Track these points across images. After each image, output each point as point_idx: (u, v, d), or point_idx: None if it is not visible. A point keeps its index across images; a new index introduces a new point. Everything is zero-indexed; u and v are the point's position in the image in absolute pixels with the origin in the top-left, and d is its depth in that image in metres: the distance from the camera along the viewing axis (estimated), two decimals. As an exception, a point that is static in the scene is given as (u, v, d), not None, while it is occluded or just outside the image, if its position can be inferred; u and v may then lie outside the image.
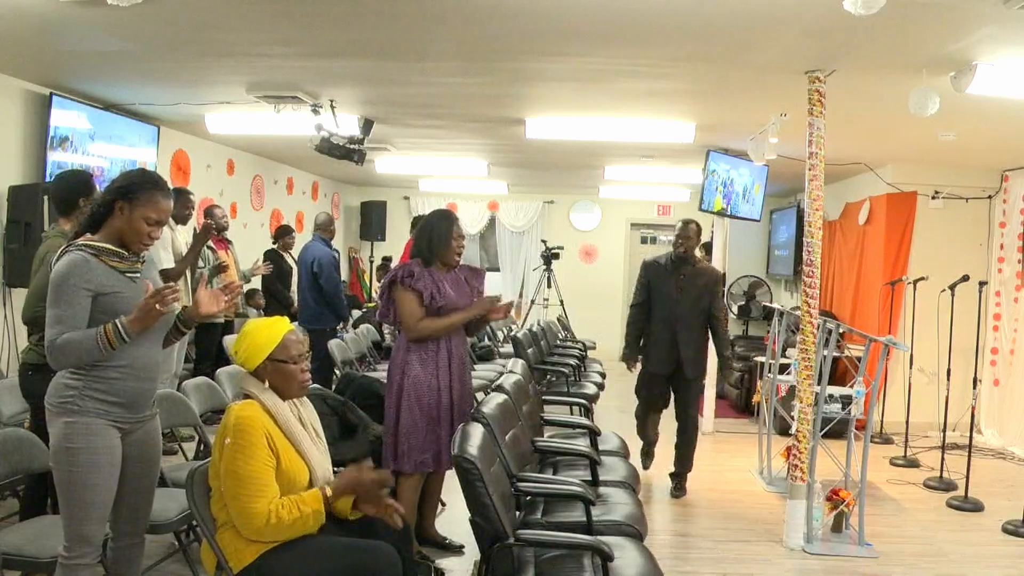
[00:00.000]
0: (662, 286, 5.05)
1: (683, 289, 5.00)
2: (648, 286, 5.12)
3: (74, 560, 2.46)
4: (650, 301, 5.10)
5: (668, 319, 5.00)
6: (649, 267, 5.17)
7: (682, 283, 5.01)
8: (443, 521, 4.19)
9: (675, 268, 5.04)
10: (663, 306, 5.03)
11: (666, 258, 5.15)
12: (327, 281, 6.39)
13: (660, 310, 5.05)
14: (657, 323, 5.06)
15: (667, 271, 5.06)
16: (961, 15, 3.28)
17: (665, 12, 3.44)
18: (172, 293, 2.42)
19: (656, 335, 5.08)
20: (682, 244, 5.05)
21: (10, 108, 5.19)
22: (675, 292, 5.00)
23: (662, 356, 5.04)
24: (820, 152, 4.33)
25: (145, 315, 2.42)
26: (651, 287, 5.09)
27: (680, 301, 5.00)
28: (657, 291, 5.06)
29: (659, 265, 5.14)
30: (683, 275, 5.02)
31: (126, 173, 2.64)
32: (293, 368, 2.55)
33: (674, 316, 5.00)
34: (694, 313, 5.02)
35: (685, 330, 4.99)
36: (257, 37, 4.14)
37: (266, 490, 2.37)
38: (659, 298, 5.06)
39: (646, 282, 5.14)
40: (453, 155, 8.48)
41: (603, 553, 2.55)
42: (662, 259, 5.17)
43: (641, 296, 5.16)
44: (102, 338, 2.40)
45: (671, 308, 5.00)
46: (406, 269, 3.67)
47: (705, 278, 5.07)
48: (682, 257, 5.05)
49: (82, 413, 2.44)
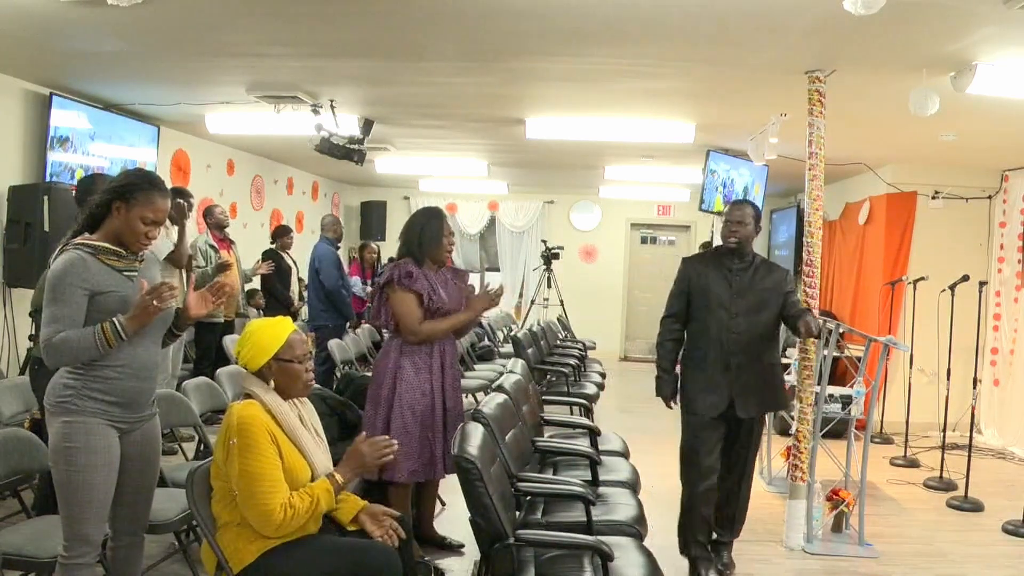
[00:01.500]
0: (709, 292, 3.69)
1: (739, 295, 3.67)
2: (688, 292, 3.76)
3: (73, 560, 2.45)
4: (691, 313, 3.77)
5: (718, 337, 3.66)
6: (690, 266, 3.83)
7: (738, 287, 3.67)
8: (443, 521, 4.19)
9: (727, 267, 3.71)
10: (711, 319, 3.67)
11: (713, 254, 3.88)
12: (326, 278, 6.54)
13: (706, 325, 3.69)
14: (701, 343, 3.72)
15: (716, 271, 3.72)
16: (961, 15, 3.28)
17: (665, 12, 3.45)
18: (169, 291, 2.42)
19: (699, 360, 3.71)
20: (735, 232, 3.69)
21: (10, 108, 5.19)
22: (728, 300, 3.66)
23: (708, 389, 3.68)
24: (820, 152, 4.33)
25: (142, 312, 2.43)
26: (692, 293, 3.75)
27: (735, 312, 3.65)
28: (702, 298, 3.72)
29: (704, 263, 3.80)
30: (738, 276, 3.69)
31: (123, 173, 2.65)
32: (298, 367, 2.55)
33: (726, 333, 3.64)
34: (755, 328, 3.66)
35: (742, 352, 3.64)
36: (257, 37, 4.14)
37: (279, 485, 2.38)
38: (704, 308, 3.70)
39: (685, 287, 3.78)
40: (453, 155, 8.48)
41: (603, 553, 2.55)
42: (708, 255, 3.94)
43: (677, 305, 3.79)
44: (100, 336, 2.40)
45: (722, 322, 3.65)
46: (403, 270, 3.54)
47: (771, 279, 3.72)
48: (734, 251, 3.71)
49: (80, 413, 2.44)
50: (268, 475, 2.36)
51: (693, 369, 3.75)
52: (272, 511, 2.35)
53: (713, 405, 3.66)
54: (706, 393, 3.67)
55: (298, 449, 2.50)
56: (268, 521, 2.36)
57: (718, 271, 3.72)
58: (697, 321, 3.75)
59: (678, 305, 3.81)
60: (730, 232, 3.72)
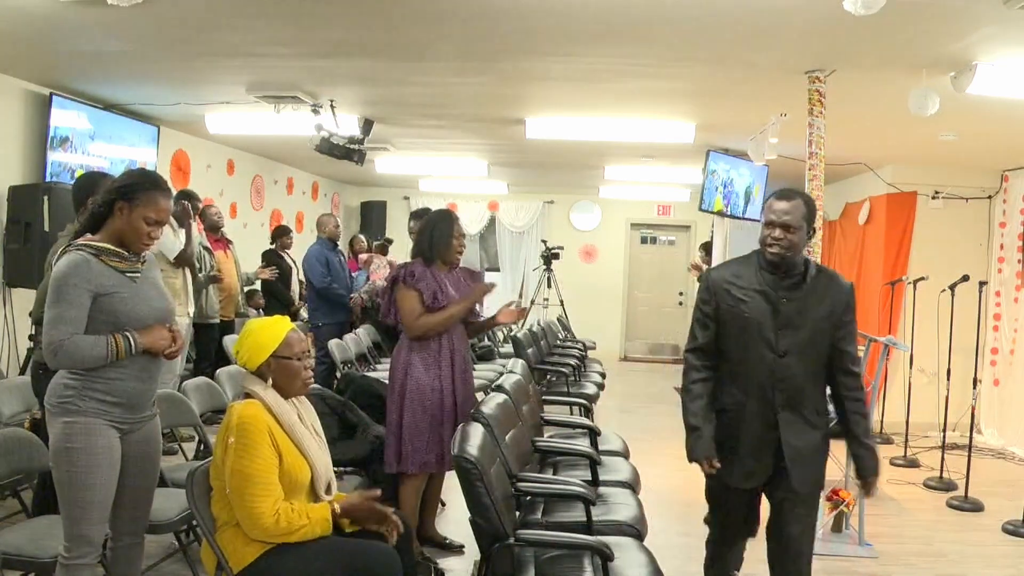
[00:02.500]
0: (746, 319, 2.69)
1: (788, 325, 2.66)
2: (717, 318, 2.76)
3: (74, 560, 2.45)
4: (721, 346, 2.77)
5: (760, 383, 2.69)
6: (718, 280, 2.78)
7: (786, 314, 2.67)
8: (443, 521, 4.19)
9: (769, 284, 2.70)
10: (750, 358, 2.70)
11: (752, 267, 2.76)
12: (312, 276, 6.65)
13: (743, 365, 2.72)
14: (736, 389, 2.74)
15: (755, 290, 2.71)
16: (961, 15, 3.28)
17: (665, 12, 3.45)
18: (178, 352, 2.64)
19: (734, 413, 2.74)
20: (779, 241, 2.66)
21: (10, 108, 5.19)
22: (772, 331, 2.67)
23: (746, 453, 2.73)
24: (820, 152, 4.34)
25: (153, 344, 2.53)
26: (724, 320, 2.74)
27: (783, 349, 2.66)
28: (736, 328, 2.71)
29: (738, 277, 2.75)
30: (786, 298, 2.68)
31: (126, 173, 2.65)
32: (297, 365, 2.56)
33: (771, 379, 2.67)
34: (811, 366, 2.70)
35: (791, 406, 2.69)
36: (257, 37, 4.14)
37: (272, 489, 2.38)
38: (740, 342, 2.71)
39: (712, 310, 2.76)
40: (453, 155, 8.48)
41: (603, 553, 2.55)
42: (742, 265, 2.80)
43: (704, 336, 2.78)
44: (111, 348, 2.42)
45: (765, 362, 2.67)
46: (408, 268, 3.68)
47: (830, 297, 2.71)
48: (782, 262, 2.68)
49: (81, 413, 2.44)
50: (261, 478, 2.36)
51: (723, 425, 2.75)
52: (261, 515, 2.34)
53: (750, 475, 2.75)
54: (742, 459, 2.73)
55: (298, 448, 2.50)
56: (255, 524, 2.35)
57: (758, 290, 2.68)
58: (730, 359, 2.73)
59: (705, 335, 2.77)
60: (773, 240, 2.63)
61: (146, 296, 2.56)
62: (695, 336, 2.82)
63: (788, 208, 2.66)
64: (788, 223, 2.64)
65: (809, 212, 2.69)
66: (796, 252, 2.67)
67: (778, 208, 2.67)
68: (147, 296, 2.56)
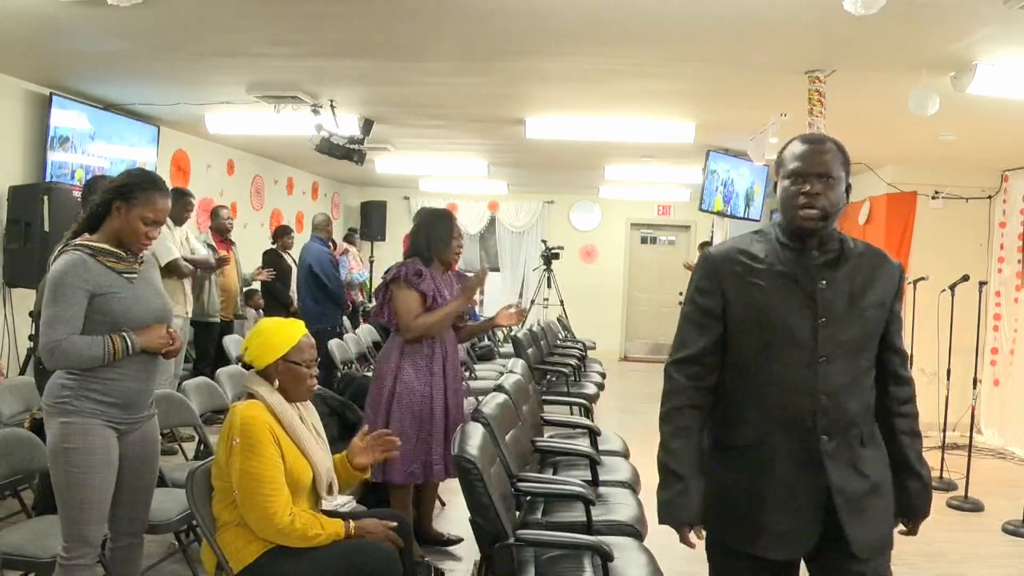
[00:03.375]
0: (769, 313, 1.91)
1: (831, 318, 1.90)
2: (723, 314, 1.96)
3: (73, 560, 2.45)
4: (730, 354, 1.97)
5: (792, 400, 1.89)
6: (725, 265, 1.97)
7: (827, 301, 1.91)
8: (443, 520, 4.19)
9: (800, 263, 1.93)
10: (775, 368, 1.90)
11: (769, 242, 1.98)
12: (330, 280, 6.50)
13: (765, 379, 1.91)
14: (753, 414, 1.93)
15: (779, 272, 1.93)
16: (961, 15, 3.28)
17: (665, 12, 3.44)
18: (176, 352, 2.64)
19: (752, 450, 1.92)
20: (816, 197, 1.89)
21: (10, 108, 5.19)
22: (808, 329, 1.89)
23: (777, 507, 1.89)
24: (820, 152, 4.33)
25: (150, 344, 2.53)
26: (734, 316, 1.95)
27: (823, 352, 1.88)
28: (755, 327, 1.92)
29: (752, 257, 1.96)
30: (825, 279, 1.92)
31: (124, 173, 2.65)
32: (304, 371, 2.56)
33: (811, 391, 1.88)
34: (862, 373, 1.95)
35: (842, 429, 1.89)
36: (257, 37, 4.14)
37: (282, 489, 2.39)
38: (763, 345, 1.92)
39: (716, 303, 1.96)
40: (453, 155, 8.48)
41: (603, 553, 2.55)
42: (757, 245, 1.98)
43: (701, 339, 1.98)
44: (108, 348, 2.42)
45: (799, 372, 1.89)
46: (412, 268, 3.56)
47: (880, 278, 2.01)
48: (818, 230, 1.91)
49: (78, 413, 2.44)
50: (270, 478, 2.37)
51: (738, 467, 1.91)
52: (274, 514, 2.35)
53: (784, 540, 1.88)
54: (771, 517, 1.87)
55: (300, 449, 2.50)
56: (268, 523, 2.36)
57: (782, 271, 1.90)
58: (744, 373, 1.92)
59: (702, 341, 1.94)
60: (807, 197, 1.85)
61: (143, 296, 2.56)
62: (684, 343, 1.96)
63: (822, 153, 1.88)
64: (826, 171, 1.87)
65: (845, 159, 1.95)
66: (835, 215, 1.90)
67: (809, 152, 1.88)
68: (144, 296, 2.56)
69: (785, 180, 1.94)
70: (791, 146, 1.97)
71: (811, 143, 1.96)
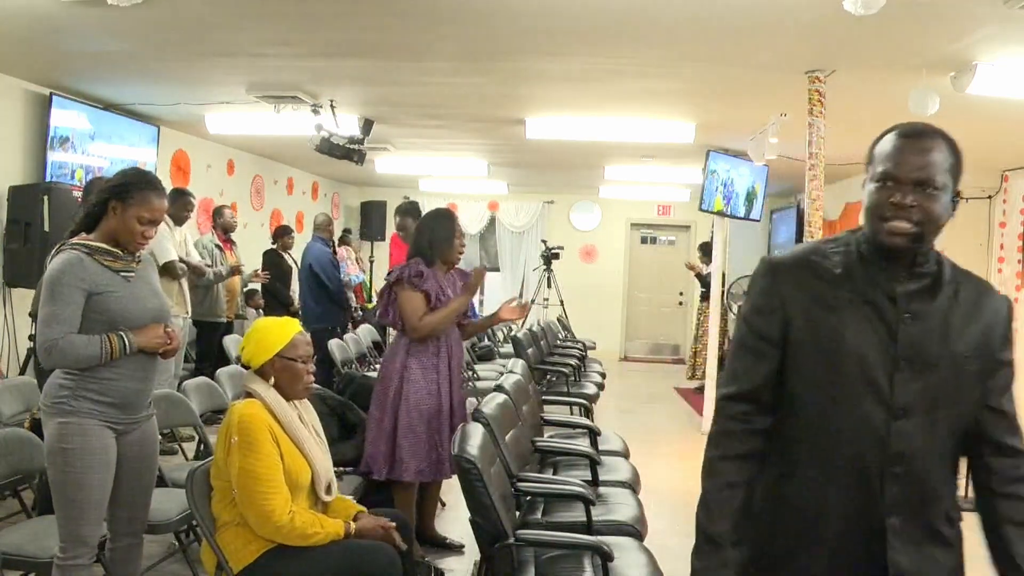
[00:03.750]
0: (844, 345, 1.47)
1: (917, 356, 1.46)
2: (787, 340, 1.52)
3: (70, 561, 2.45)
4: (792, 393, 1.53)
5: (857, 457, 1.47)
6: (791, 279, 1.54)
7: (913, 336, 1.47)
8: (443, 521, 4.19)
9: (882, 288, 1.49)
10: (845, 415, 1.47)
11: (849, 255, 1.53)
12: (331, 280, 6.52)
13: (832, 427, 1.49)
14: (815, 470, 1.51)
15: (860, 296, 1.49)
16: (961, 15, 3.28)
17: (665, 12, 3.45)
18: (174, 352, 2.63)
19: (810, 513, 1.51)
20: (917, 206, 1.45)
21: (10, 108, 5.19)
22: (883, 372, 1.46)
23: None
24: (820, 152, 4.34)
25: (147, 343, 2.52)
26: (797, 345, 1.51)
27: (901, 404, 1.45)
28: (821, 361, 1.49)
29: (827, 275, 1.52)
30: (913, 310, 1.48)
31: (119, 173, 2.66)
32: (300, 367, 2.56)
33: (882, 450, 1.46)
34: (947, 435, 1.50)
35: (914, 500, 1.48)
36: (257, 37, 4.14)
37: (281, 487, 2.39)
38: (829, 385, 1.49)
39: (776, 328, 1.52)
40: (453, 155, 8.49)
41: (603, 553, 2.55)
42: (835, 257, 1.54)
43: (758, 374, 1.54)
44: (106, 347, 2.41)
45: (871, 426, 1.46)
46: (413, 269, 3.58)
47: (982, 317, 1.54)
48: (910, 250, 1.49)
49: (76, 414, 2.43)
50: (269, 476, 2.37)
51: (786, 530, 1.56)
52: (273, 511, 2.35)
53: None
54: None
55: (298, 448, 2.50)
56: (267, 521, 2.36)
57: (861, 296, 1.50)
58: (804, 416, 1.53)
59: (758, 373, 1.55)
60: (897, 210, 1.46)
61: (141, 295, 2.55)
62: (735, 375, 1.57)
63: (927, 149, 1.47)
64: (926, 178, 1.45)
65: (956, 161, 1.50)
66: (934, 233, 1.50)
67: (906, 151, 1.48)
68: (142, 295, 2.56)
69: (873, 182, 1.51)
70: (885, 139, 1.55)
71: (909, 138, 1.51)
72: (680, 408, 8.06)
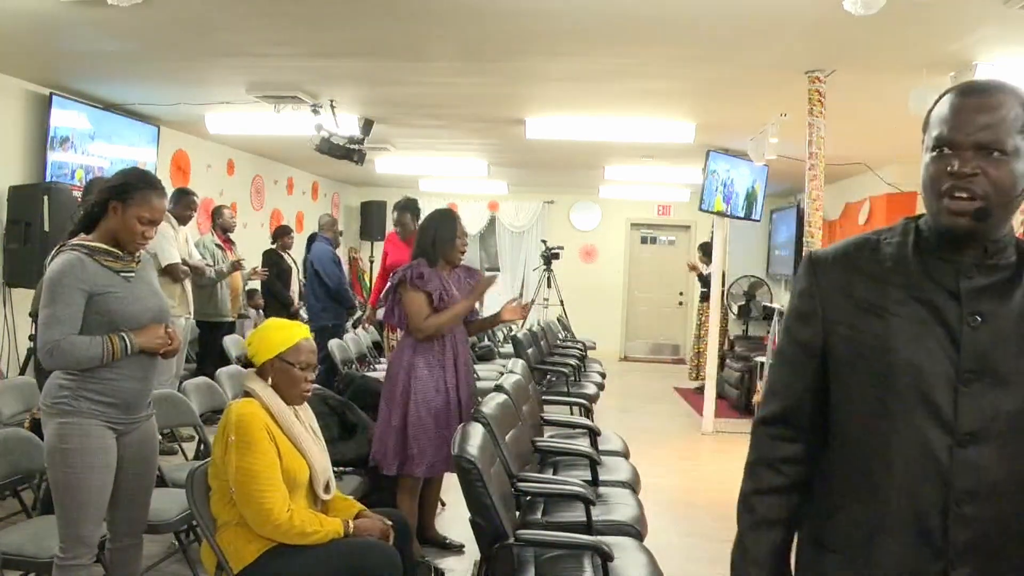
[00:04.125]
0: (895, 355, 1.20)
1: (986, 368, 1.17)
2: (826, 351, 1.28)
3: (69, 561, 2.45)
4: (836, 413, 1.29)
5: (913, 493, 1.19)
6: (829, 274, 1.30)
7: (981, 344, 1.18)
8: (443, 521, 4.19)
9: (947, 283, 1.21)
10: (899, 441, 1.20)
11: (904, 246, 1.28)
12: (329, 277, 6.56)
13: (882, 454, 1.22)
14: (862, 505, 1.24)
15: (914, 295, 1.22)
16: (961, 15, 3.28)
17: (665, 12, 3.45)
18: (175, 352, 2.63)
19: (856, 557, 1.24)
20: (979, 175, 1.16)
21: (10, 108, 5.20)
22: (947, 382, 1.18)
23: None
24: (820, 152, 4.34)
25: (148, 344, 2.52)
26: (838, 357, 1.27)
27: (972, 422, 1.17)
28: (867, 374, 1.23)
29: (874, 269, 1.27)
30: (980, 309, 1.19)
31: (120, 172, 2.66)
32: (298, 374, 2.56)
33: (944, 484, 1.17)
34: None
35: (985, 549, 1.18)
36: (257, 37, 4.14)
37: (279, 485, 2.39)
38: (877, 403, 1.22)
39: (818, 334, 1.29)
40: (453, 155, 8.49)
41: (603, 553, 2.55)
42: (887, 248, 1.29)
43: (796, 391, 1.33)
44: (107, 348, 2.41)
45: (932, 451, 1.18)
46: (415, 270, 3.61)
47: None
48: (976, 233, 1.19)
49: (76, 414, 2.43)
50: (267, 474, 2.37)
51: None
52: (271, 510, 2.35)
53: None
54: None
55: (296, 448, 2.50)
56: (266, 520, 2.36)
57: (918, 293, 1.23)
58: (847, 441, 1.29)
59: (795, 387, 1.34)
60: (956, 178, 1.18)
61: (141, 295, 2.55)
62: (773, 392, 1.37)
63: (992, 106, 1.18)
64: (992, 140, 1.17)
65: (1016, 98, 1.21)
66: (1006, 210, 1.21)
67: (964, 110, 1.19)
68: (142, 295, 2.56)
69: (928, 152, 1.23)
70: (943, 100, 1.24)
71: (970, 94, 1.22)
72: (680, 408, 8.06)
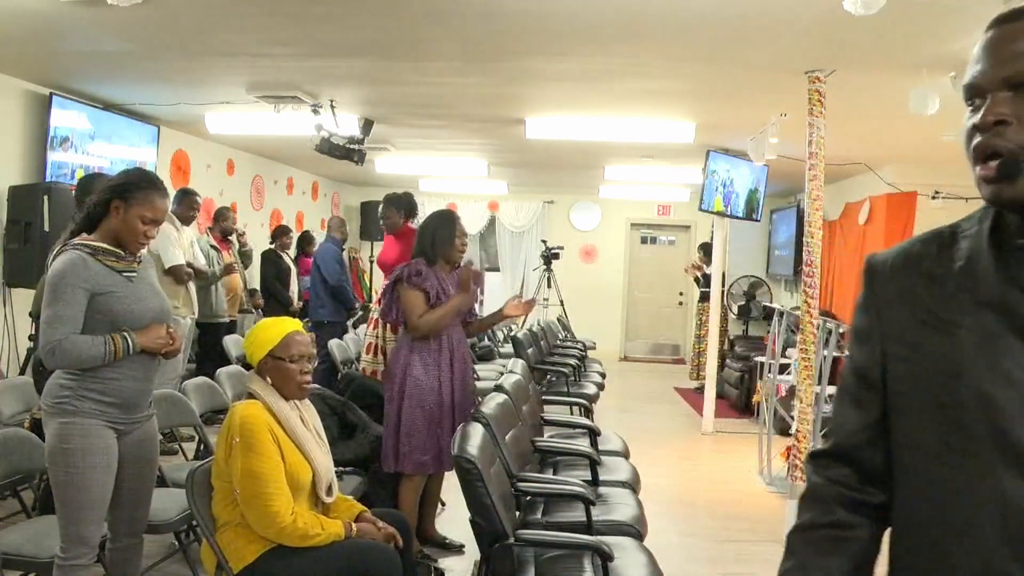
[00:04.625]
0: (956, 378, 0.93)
1: None
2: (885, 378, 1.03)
3: (70, 561, 2.45)
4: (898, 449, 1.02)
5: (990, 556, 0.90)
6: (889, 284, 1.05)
7: None
8: (443, 521, 4.19)
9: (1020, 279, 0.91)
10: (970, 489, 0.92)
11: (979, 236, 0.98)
12: (329, 274, 6.61)
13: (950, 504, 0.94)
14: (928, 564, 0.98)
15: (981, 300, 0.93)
16: (961, 15, 3.28)
17: (665, 12, 3.45)
18: (176, 352, 2.63)
19: None
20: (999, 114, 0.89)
21: (10, 108, 5.19)
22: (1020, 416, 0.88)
23: None
24: (820, 152, 4.34)
25: (150, 343, 2.53)
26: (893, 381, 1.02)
27: None
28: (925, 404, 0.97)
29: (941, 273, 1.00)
30: None
31: (122, 172, 2.66)
32: (291, 367, 2.55)
33: None
34: None
35: None
36: (257, 37, 4.14)
37: (283, 488, 2.39)
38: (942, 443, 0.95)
39: (875, 359, 1.04)
40: (453, 155, 8.49)
41: (603, 553, 2.55)
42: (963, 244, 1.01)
43: (853, 423, 1.08)
44: (110, 347, 2.41)
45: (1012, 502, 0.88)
46: (413, 268, 3.65)
47: None
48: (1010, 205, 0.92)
49: (77, 414, 2.43)
50: (272, 477, 2.37)
51: None
52: (277, 513, 2.35)
53: None
54: None
55: (299, 449, 2.50)
56: (271, 523, 2.36)
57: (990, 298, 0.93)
58: (910, 487, 1.02)
59: (853, 423, 1.10)
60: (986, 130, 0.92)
61: (143, 295, 2.56)
62: (832, 423, 1.16)
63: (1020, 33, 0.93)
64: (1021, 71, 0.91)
65: None
66: None
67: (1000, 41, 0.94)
68: (143, 295, 2.56)
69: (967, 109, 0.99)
70: (984, 38, 0.98)
71: (1002, 25, 0.95)
72: (680, 408, 8.06)
